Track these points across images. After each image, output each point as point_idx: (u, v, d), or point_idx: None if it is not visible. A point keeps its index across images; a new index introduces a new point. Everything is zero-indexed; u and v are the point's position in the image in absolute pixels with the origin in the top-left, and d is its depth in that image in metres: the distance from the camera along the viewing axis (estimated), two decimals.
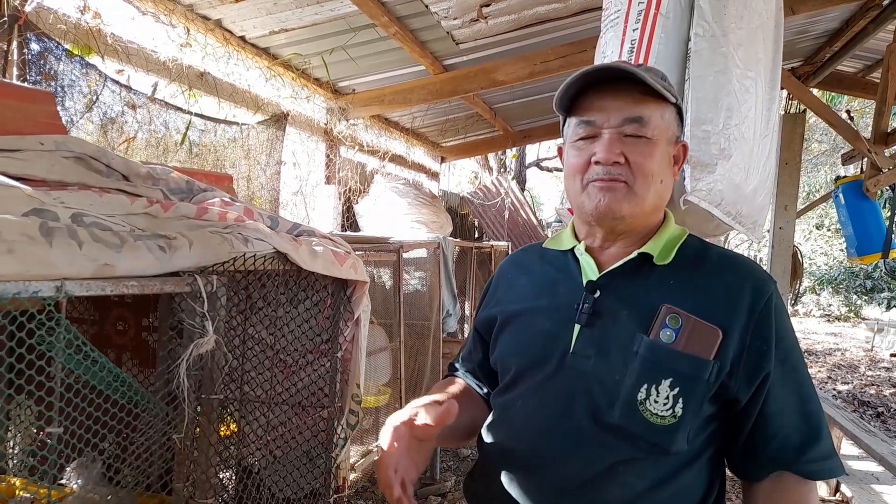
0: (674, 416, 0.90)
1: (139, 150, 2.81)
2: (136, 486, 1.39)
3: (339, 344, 1.58)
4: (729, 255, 1.03)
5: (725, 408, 0.95)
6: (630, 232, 1.02)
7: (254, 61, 3.49)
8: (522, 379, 1.05)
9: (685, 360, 0.90)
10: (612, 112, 0.97)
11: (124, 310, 1.74)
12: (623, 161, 0.96)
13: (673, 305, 0.93)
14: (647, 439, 0.91)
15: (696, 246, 1.03)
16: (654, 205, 1.00)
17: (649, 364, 0.92)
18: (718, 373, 0.90)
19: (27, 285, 0.82)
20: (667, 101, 0.98)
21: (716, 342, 0.90)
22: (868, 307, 13.87)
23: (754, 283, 0.95)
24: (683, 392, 0.90)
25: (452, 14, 3.39)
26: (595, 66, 0.97)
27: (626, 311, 0.97)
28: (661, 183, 0.99)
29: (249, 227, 1.26)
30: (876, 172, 3.85)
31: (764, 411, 0.93)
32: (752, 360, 0.91)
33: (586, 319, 0.99)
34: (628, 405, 0.91)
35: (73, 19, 2.42)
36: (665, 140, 0.99)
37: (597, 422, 0.94)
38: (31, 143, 1.09)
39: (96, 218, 0.97)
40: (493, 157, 10.25)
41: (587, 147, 0.99)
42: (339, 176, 4.79)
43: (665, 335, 0.92)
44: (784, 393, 0.93)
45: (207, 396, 1.20)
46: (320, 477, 1.61)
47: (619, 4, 1.67)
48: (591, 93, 1.00)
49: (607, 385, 0.94)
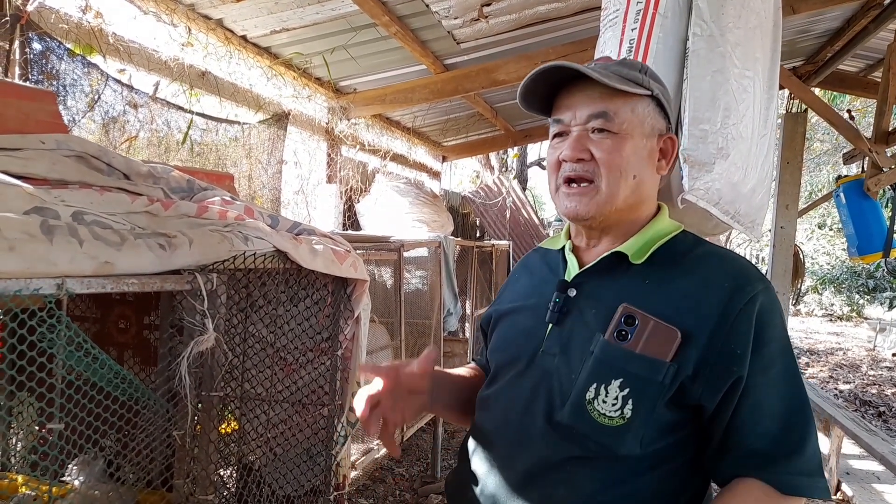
0: (622, 417, 0.88)
1: (141, 149, 2.82)
2: (137, 483, 1.40)
3: (339, 342, 1.59)
4: (717, 253, 0.98)
5: (693, 415, 0.91)
6: (610, 228, 1.01)
7: (255, 61, 3.50)
8: (500, 375, 1.07)
9: (638, 360, 0.88)
10: (577, 109, 0.97)
11: (126, 308, 1.74)
12: (588, 157, 0.95)
13: (632, 305, 0.91)
14: (595, 439, 0.90)
15: (687, 243, 1.00)
16: (628, 201, 0.98)
17: (601, 364, 0.90)
18: (675, 375, 0.87)
19: (28, 283, 0.83)
20: (639, 95, 0.96)
21: (673, 344, 0.87)
22: (870, 307, 13.85)
23: (736, 283, 0.90)
24: (634, 393, 0.88)
25: (453, 13, 3.39)
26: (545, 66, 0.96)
27: (594, 311, 0.96)
28: (633, 178, 0.96)
29: (249, 226, 1.27)
30: (877, 172, 3.85)
31: (737, 416, 0.88)
32: (720, 364, 0.87)
33: (556, 318, 0.99)
34: (577, 404, 0.91)
35: (74, 19, 2.44)
36: (640, 134, 0.97)
37: (549, 420, 0.94)
38: (33, 141, 1.10)
39: (97, 216, 0.98)
40: (495, 157, 10.24)
41: (558, 146, 1.00)
42: (340, 175, 4.80)
43: (620, 335, 0.90)
44: (765, 400, 0.88)
45: (208, 394, 1.20)
46: (320, 474, 1.62)
47: (618, 4, 1.67)
48: (562, 92, 1.00)
49: (564, 384, 0.94)
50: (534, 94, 1.02)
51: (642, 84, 0.97)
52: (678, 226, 1.03)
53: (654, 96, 0.99)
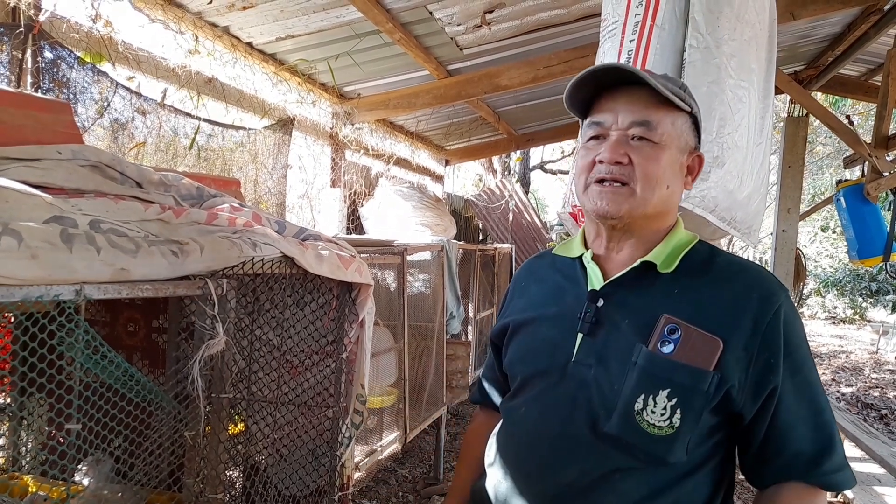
0: (671, 426, 0.89)
1: (149, 154, 2.87)
2: (146, 484, 1.43)
3: (343, 345, 1.62)
4: (737, 262, 1.00)
5: (730, 420, 0.94)
6: (632, 233, 1.01)
7: (260, 67, 3.55)
8: (527, 386, 1.06)
9: (683, 370, 0.89)
10: (620, 114, 0.97)
11: (135, 312, 1.78)
12: (627, 162, 0.96)
13: (672, 315, 0.92)
14: (645, 449, 0.91)
15: (704, 253, 1.02)
16: (657, 209, 0.99)
17: (647, 374, 0.91)
18: (719, 384, 0.89)
19: (49, 289, 0.87)
20: (680, 109, 0.98)
21: (716, 353, 0.89)
22: (873, 310, 13.82)
23: (762, 293, 0.93)
24: (681, 403, 0.89)
25: (456, 20, 3.43)
26: (601, 66, 0.97)
27: (628, 321, 0.96)
28: (666, 188, 0.98)
29: (258, 232, 1.30)
30: (877, 176, 3.86)
31: (774, 424, 0.91)
32: (758, 373, 0.90)
33: (588, 328, 0.99)
34: (626, 415, 0.91)
35: (85, 28, 2.48)
36: (676, 147, 0.98)
37: (595, 431, 0.94)
38: (50, 152, 1.14)
39: (113, 224, 1.02)
40: (498, 160, 10.27)
41: (595, 148, 1.00)
42: (344, 179, 4.84)
43: (664, 345, 0.91)
44: (796, 405, 0.91)
45: (218, 395, 1.24)
46: (325, 475, 1.64)
47: (617, 16, 1.71)
48: (605, 95, 1.01)
49: (606, 394, 0.94)
50: (576, 94, 1.03)
51: (684, 100, 0.98)
52: (695, 235, 1.05)
53: (692, 113, 1.01)
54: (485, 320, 5.50)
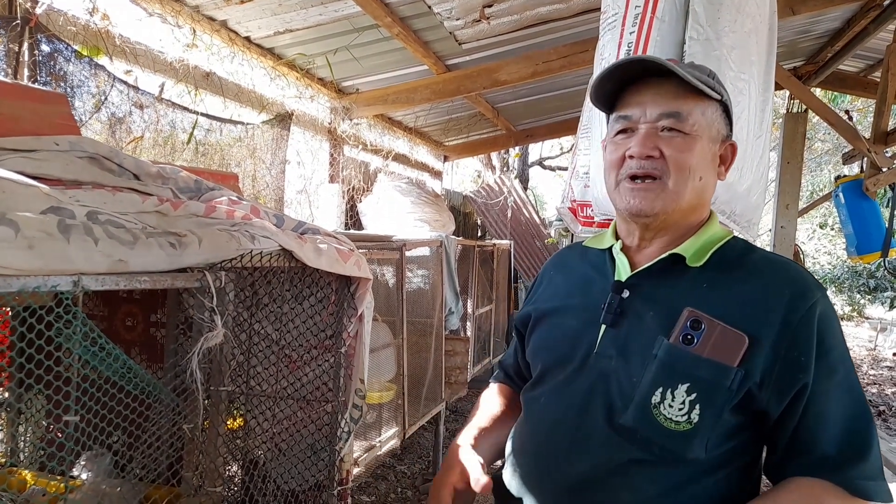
0: (689, 422, 0.87)
1: (146, 149, 2.86)
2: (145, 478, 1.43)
3: (342, 340, 1.62)
4: (773, 259, 0.98)
5: (755, 419, 0.91)
6: (667, 229, 0.99)
7: (259, 61, 3.54)
8: (548, 376, 1.05)
9: (705, 365, 0.87)
10: (648, 106, 0.96)
11: (133, 306, 1.78)
12: (658, 155, 0.94)
13: (697, 309, 0.90)
14: (661, 444, 0.89)
15: (738, 248, 0.99)
16: (691, 202, 0.97)
17: (666, 367, 0.89)
18: (742, 381, 0.86)
19: (46, 280, 0.86)
20: (710, 98, 0.96)
21: (741, 349, 0.86)
22: (871, 306, 13.84)
23: (795, 290, 0.90)
24: (701, 398, 0.87)
25: (455, 15, 3.42)
26: (627, 59, 0.96)
27: (652, 313, 0.95)
28: (699, 180, 0.96)
29: (256, 225, 1.30)
30: (876, 172, 3.85)
31: (804, 425, 0.88)
32: (786, 372, 0.87)
33: (612, 320, 0.97)
34: (642, 408, 0.89)
35: (82, 21, 2.47)
36: (707, 137, 0.96)
37: (611, 423, 0.93)
38: (47, 143, 1.13)
39: (110, 216, 1.01)
40: (496, 156, 10.27)
41: (623, 142, 0.98)
42: (342, 175, 4.83)
43: (686, 339, 0.89)
44: (829, 407, 0.87)
45: (216, 389, 1.24)
46: (324, 469, 1.64)
47: (617, 8, 1.70)
48: (630, 88, 0.99)
49: (625, 387, 0.92)
50: (602, 89, 1.01)
51: (714, 88, 0.96)
52: (729, 231, 1.03)
53: (722, 101, 0.99)
54: (483, 316, 5.50)
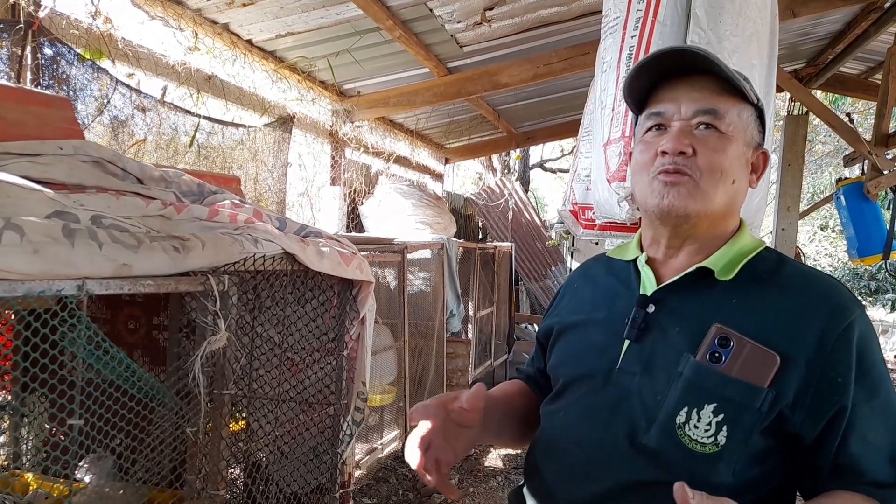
0: (716, 444, 0.82)
1: (149, 152, 2.87)
2: (147, 481, 1.44)
3: (344, 342, 1.62)
4: (807, 273, 0.92)
5: (787, 443, 0.86)
6: (696, 237, 0.95)
7: (260, 64, 3.54)
8: (569, 390, 1.01)
9: (734, 385, 0.82)
10: (683, 103, 0.91)
11: (135, 309, 1.78)
12: (691, 153, 0.89)
13: (726, 325, 0.85)
14: (685, 466, 0.83)
15: (770, 261, 0.94)
16: (723, 208, 0.92)
17: (692, 386, 0.84)
18: (774, 402, 0.81)
19: (51, 284, 0.87)
20: (746, 101, 0.92)
21: (772, 369, 0.81)
22: (872, 308, 13.82)
23: (831, 306, 0.85)
24: (728, 420, 0.82)
25: (456, 18, 3.43)
26: (667, 49, 0.91)
27: (678, 329, 0.90)
28: (732, 183, 0.91)
29: (259, 229, 1.30)
30: (877, 174, 3.86)
31: (845, 451, 0.82)
32: (822, 393, 0.81)
33: (636, 335, 0.93)
34: (666, 428, 0.85)
35: (85, 24, 2.48)
36: (742, 140, 0.92)
37: (632, 442, 0.88)
38: (51, 147, 1.14)
39: (114, 220, 1.01)
40: (497, 159, 10.27)
41: (655, 140, 0.93)
42: (344, 177, 4.84)
43: (713, 357, 0.84)
44: (873, 431, 0.82)
45: (219, 392, 1.24)
46: (326, 472, 1.65)
47: (619, 11, 1.70)
48: (664, 85, 0.95)
49: (648, 405, 0.88)
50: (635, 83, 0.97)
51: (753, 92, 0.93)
52: (761, 242, 0.98)
53: (758, 106, 0.95)
54: (484, 319, 5.51)
